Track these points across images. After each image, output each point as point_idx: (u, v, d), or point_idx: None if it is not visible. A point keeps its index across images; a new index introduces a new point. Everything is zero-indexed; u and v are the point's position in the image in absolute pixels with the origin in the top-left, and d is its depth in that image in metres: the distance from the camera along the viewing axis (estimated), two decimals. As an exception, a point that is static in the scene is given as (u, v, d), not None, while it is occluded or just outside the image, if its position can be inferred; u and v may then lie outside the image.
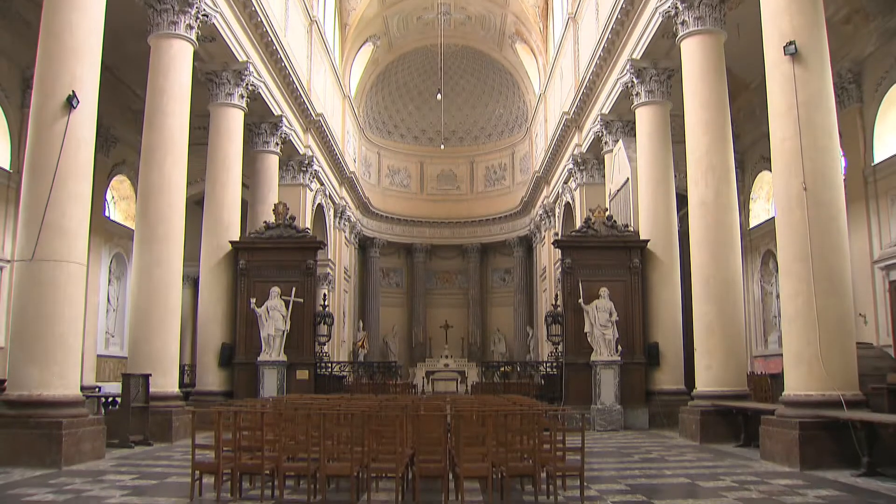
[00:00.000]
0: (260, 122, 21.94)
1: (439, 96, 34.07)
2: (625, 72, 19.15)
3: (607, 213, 19.06)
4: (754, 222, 23.24)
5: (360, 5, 32.46)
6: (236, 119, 19.01)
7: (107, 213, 22.54)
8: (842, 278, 10.78)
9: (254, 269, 18.40)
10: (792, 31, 11.10)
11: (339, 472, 8.02)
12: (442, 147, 38.54)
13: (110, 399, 15.98)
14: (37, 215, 10.75)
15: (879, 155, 16.89)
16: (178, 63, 15.41)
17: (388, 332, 39.51)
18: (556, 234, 26.59)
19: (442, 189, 41.51)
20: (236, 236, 18.70)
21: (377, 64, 37.06)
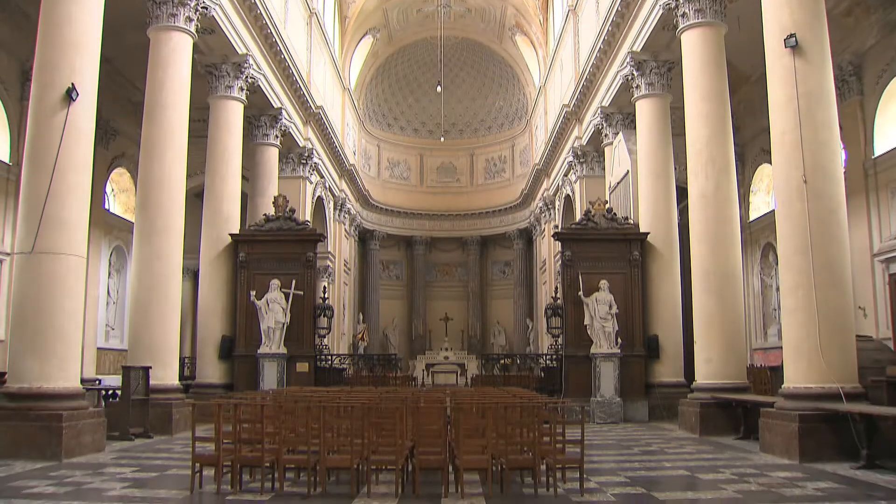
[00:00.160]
0: (259, 114, 21.92)
1: (439, 89, 34.02)
2: (625, 64, 19.12)
3: (607, 206, 19.05)
4: (754, 215, 23.23)
5: (359, -3, 32.41)
6: (236, 111, 18.99)
7: (107, 206, 22.54)
8: (841, 271, 10.79)
9: (254, 262, 18.41)
10: (792, 24, 11.08)
11: (340, 465, 8.05)
12: (442, 139, 38.51)
13: (110, 392, 15.98)
14: (36, 208, 10.74)
15: (880, 148, 16.88)
16: (177, 55, 15.39)
17: (388, 324, 39.53)
18: (556, 227, 26.56)
19: (442, 181, 41.47)
20: (236, 229, 18.70)
21: (377, 56, 36.99)
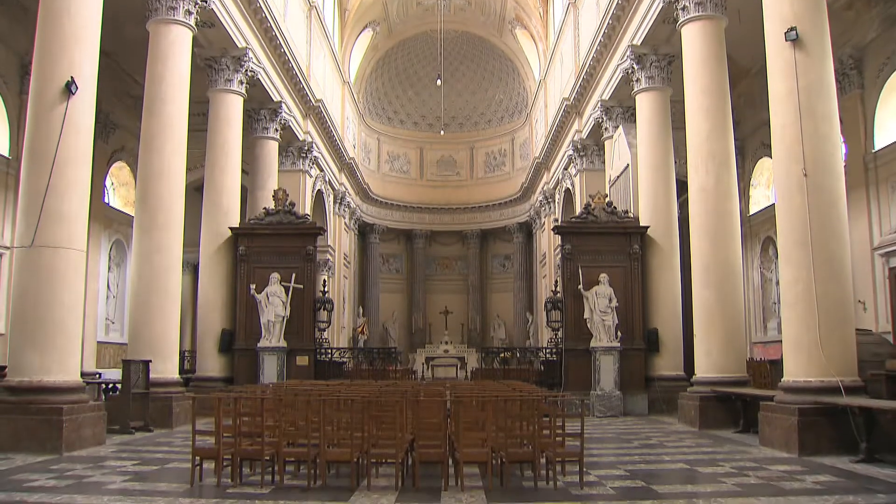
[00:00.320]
0: (259, 108, 21.89)
1: (439, 82, 33.89)
2: (625, 58, 19.08)
3: (607, 200, 19.06)
4: (754, 209, 23.21)
5: (359, -10, 32.35)
6: (236, 105, 18.96)
7: (106, 200, 22.50)
8: (841, 265, 10.79)
9: (253, 255, 18.42)
10: (793, 17, 11.06)
11: (339, 458, 8.05)
12: (442, 133, 38.46)
13: (111, 385, 16.02)
14: (36, 202, 10.74)
15: (880, 141, 16.85)
16: (176, 49, 15.36)
17: (388, 318, 39.54)
18: (556, 220, 26.59)
19: (442, 175, 41.45)
20: (236, 222, 18.69)
21: (377, 49, 36.91)
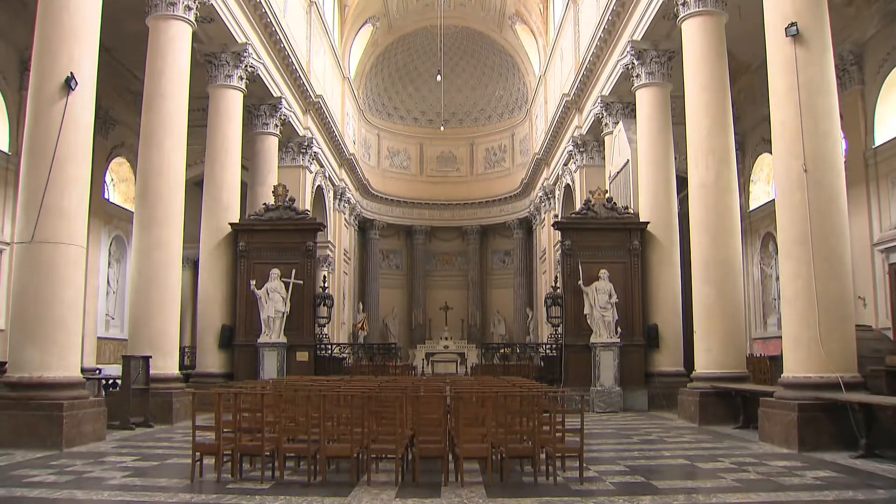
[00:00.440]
0: (259, 103, 21.86)
1: (439, 78, 33.90)
2: (625, 53, 19.06)
3: (607, 195, 19.05)
4: (754, 204, 23.20)
5: (359, -14, 32.30)
6: (235, 100, 18.94)
7: (106, 196, 22.49)
8: (841, 261, 10.79)
9: (253, 251, 18.42)
10: (794, 13, 11.04)
11: (339, 454, 8.07)
12: (442, 129, 38.44)
13: (111, 381, 16.02)
14: (36, 198, 10.73)
15: (880, 137, 16.83)
16: (176, 44, 15.34)
17: (388, 313, 39.56)
18: (556, 216, 26.49)
19: (442, 171, 41.42)
20: (236, 218, 18.69)
21: (377, 45, 36.86)
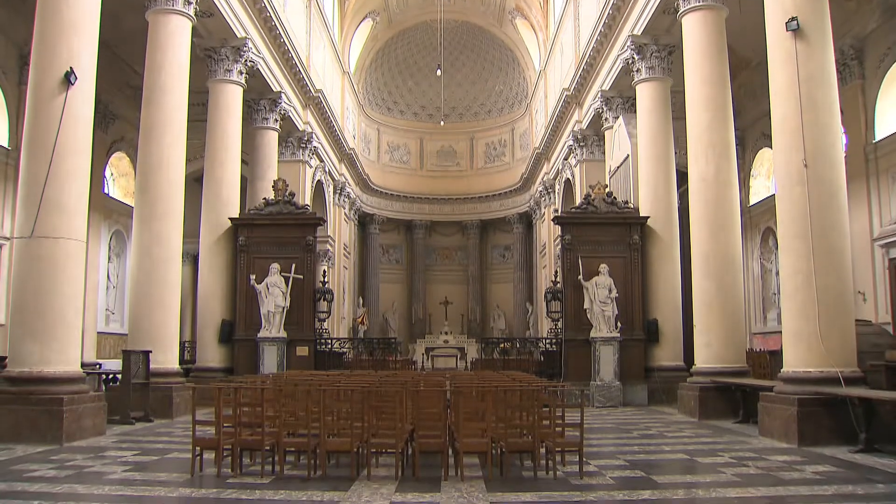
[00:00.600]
0: (259, 98, 21.83)
1: (439, 72, 33.82)
2: (625, 48, 19.02)
3: (607, 190, 19.03)
4: (754, 199, 23.20)
5: (359, -20, 32.22)
6: (235, 95, 18.91)
7: (106, 190, 22.49)
8: (841, 255, 10.79)
9: (253, 246, 18.41)
10: (794, 7, 11.02)
11: (340, 448, 8.07)
12: (442, 123, 38.42)
13: (111, 376, 16.04)
14: (35, 192, 10.73)
15: (881, 132, 16.82)
16: (176, 39, 15.31)
17: (388, 308, 39.58)
18: (556, 211, 26.56)
19: (442, 165, 41.40)
20: (236, 213, 18.68)
21: (376, 40, 36.80)
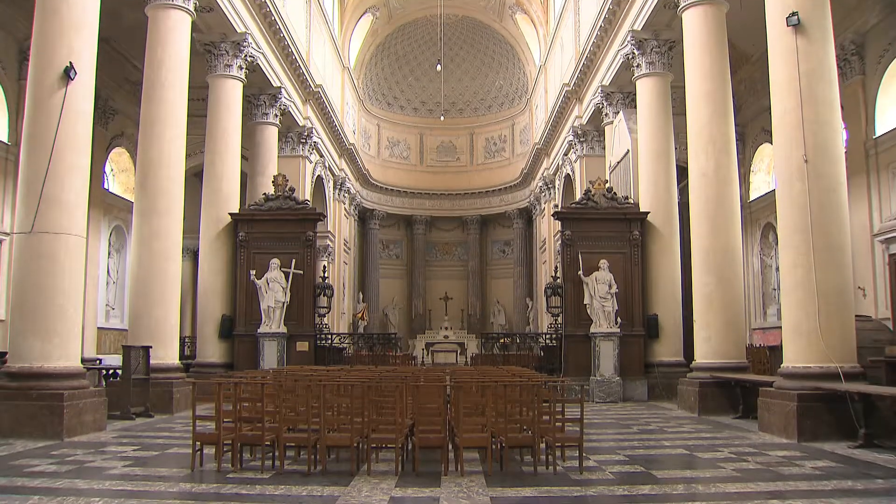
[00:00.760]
0: (259, 93, 21.81)
1: (439, 67, 33.82)
2: (626, 43, 19.00)
3: (607, 185, 19.03)
4: (754, 195, 23.19)
5: (358, -25, 32.17)
6: (235, 90, 18.89)
7: (106, 186, 22.47)
8: (841, 251, 10.79)
9: (253, 241, 18.42)
10: (795, 2, 11.01)
11: (340, 443, 8.09)
12: (442, 118, 38.38)
13: (111, 371, 16.06)
14: (35, 188, 10.72)
15: (881, 128, 16.81)
16: (175, 34, 15.28)
17: (388, 303, 39.60)
18: (556, 206, 26.50)
19: (442, 161, 41.37)
20: (236, 208, 18.68)
21: (376, 35, 36.75)
